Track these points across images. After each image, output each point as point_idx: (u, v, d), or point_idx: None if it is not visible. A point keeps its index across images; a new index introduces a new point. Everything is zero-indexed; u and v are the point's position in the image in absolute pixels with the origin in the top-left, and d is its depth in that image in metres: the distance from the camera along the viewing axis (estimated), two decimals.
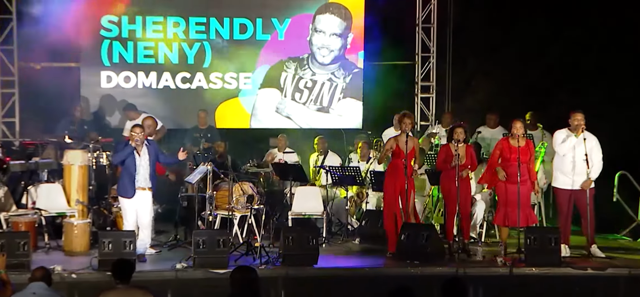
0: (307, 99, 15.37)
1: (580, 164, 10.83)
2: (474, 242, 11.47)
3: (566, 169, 10.96)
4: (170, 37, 14.73)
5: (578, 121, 10.89)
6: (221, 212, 11.86)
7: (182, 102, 14.84)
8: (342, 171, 12.56)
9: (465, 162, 11.14)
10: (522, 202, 10.83)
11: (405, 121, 11.10)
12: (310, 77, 15.33)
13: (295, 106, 15.33)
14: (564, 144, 10.97)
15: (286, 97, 15.30)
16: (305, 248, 10.42)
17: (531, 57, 15.27)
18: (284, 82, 15.27)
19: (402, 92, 15.77)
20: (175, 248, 11.47)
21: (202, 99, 14.82)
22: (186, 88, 14.93)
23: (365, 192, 12.66)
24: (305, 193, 12.45)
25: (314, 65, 15.34)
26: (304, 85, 15.33)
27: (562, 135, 11.04)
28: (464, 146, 11.21)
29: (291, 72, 15.28)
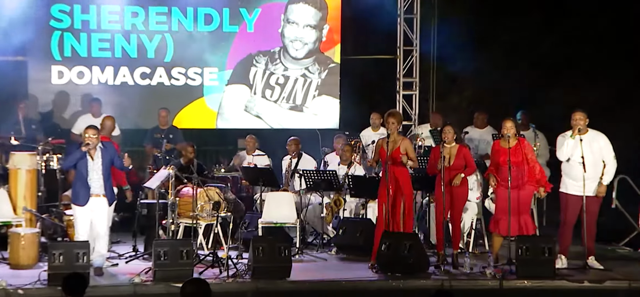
0: (279, 96, 15.35)
1: (589, 168, 10.84)
2: (461, 252, 11.48)
3: (575, 174, 10.98)
4: (128, 28, 14.64)
5: (575, 121, 10.91)
6: (184, 220, 11.81)
7: (142, 100, 14.76)
8: (317, 175, 12.51)
9: (455, 163, 11.14)
10: (514, 209, 10.84)
11: (389, 121, 11.10)
12: (282, 73, 15.32)
13: (265, 104, 15.30)
14: (562, 150, 11.01)
15: (256, 94, 15.28)
16: (277, 260, 10.39)
17: (523, 51, 15.36)
18: (254, 78, 15.24)
19: (382, 89, 15.80)
20: (133, 260, 11.40)
21: (163, 96, 14.74)
22: (146, 84, 14.85)
23: (342, 199, 12.64)
24: (277, 199, 12.42)
25: (286, 59, 15.32)
26: (275, 81, 15.32)
27: (563, 140, 11.06)
28: (456, 147, 11.23)
29: (261, 67, 15.25)
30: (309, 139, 14.44)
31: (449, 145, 11.19)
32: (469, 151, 11.46)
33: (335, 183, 12.45)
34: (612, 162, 11.03)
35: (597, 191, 10.98)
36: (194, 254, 10.60)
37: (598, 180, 11.00)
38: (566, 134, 11.00)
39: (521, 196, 10.89)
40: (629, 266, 11.48)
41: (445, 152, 11.09)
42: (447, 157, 11.14)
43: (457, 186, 11.11)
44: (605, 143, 11.02)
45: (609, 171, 11.02)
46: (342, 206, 12.65)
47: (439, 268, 10.95)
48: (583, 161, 10.81)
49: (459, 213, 11.33)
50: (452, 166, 11.15)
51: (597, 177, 10.99)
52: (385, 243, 10.73)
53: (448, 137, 11.16)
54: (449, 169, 11.11)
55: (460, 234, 11.55)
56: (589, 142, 10.93)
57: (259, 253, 10.37)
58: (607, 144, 11.03)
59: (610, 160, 11.00)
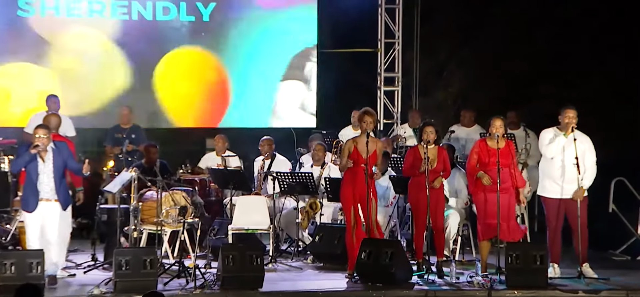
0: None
1: (571, 169, 10.87)
2: (446, 260, 11.49)
3: (554, 175, 10.99)
4: (91, 18, 14.66)
5: (569, 119, 10.91)
6: (148, 226, 11.76)
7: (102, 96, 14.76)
8: (292, 177, 12.49)
9: (437, 166, 11.15)
10: (503, 213, 10.86)
11: (366, 119, 11.06)
12: None
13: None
14: (551, 145, 10.99)
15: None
16: (248, 269, 10.35)
17: (513, 44, 15.40)
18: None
19: (362, 84, 15.80)
20: (92, 270, 11.33)
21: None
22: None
23: (319, 203, 12.62)
24: (249, 204, 12.38)
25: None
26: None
27: (549, 135, 11.05)
28: (436, 148, 11.22)
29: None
30: (284, 139, 14.41)
31: (431, 146, 11.18)
32: (448, 154, 11.46)
33: (311, 186, 12.43)
34: (594, 167, 11.05)
35: (574, 195, 10.94)
36: (158, 264, 10.54)
37: (577, 182, 10.95)
38: (551, 129, 11.02)
39: (504, 200, 10.91)
40: (626, 275, 11.49)
41: (431, 153, 11.07)
42: (430, 159, 11.12)
43: (436, 189, 11.10)
44: (590, 147, 11.05)
45: (590, 175, 11.01)
46: (318, 210, 12.61)
47: (422, 278, 10.95)
48: (577, 161, 10.82)
49: (441, 218, 11.33)
50: (433, 169, 11.16)
51: (577, 180, 10.95)
52: (365, 251, 10.71)
53: (430, 137, 11.15)
54: (430, 172, 11.11)
55: (444, 241, 11.55)
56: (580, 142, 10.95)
57: (228, 262, 10.32)
58: (592, 148, 11.06)
59: (592, 164, 11.03)
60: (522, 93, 15.15)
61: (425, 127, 11.24)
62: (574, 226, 10.97)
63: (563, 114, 10.97)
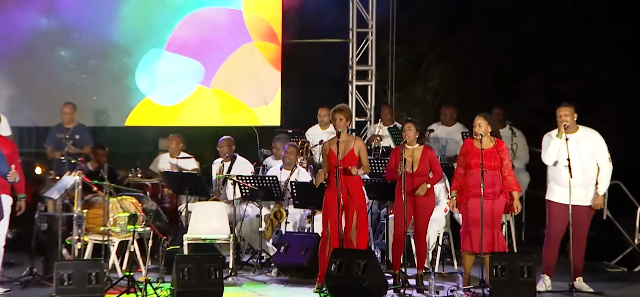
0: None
1: (577, 173, 10.84)
2: (426, 272, 11.49)
3: (563, 180, 10.97)
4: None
5: (561, 117, 10.91)
6: (94, 236, 11.70)
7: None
8: (254, 181, 12.48)
9: (419, 168, 11.15)
10: (487, 221, 10.87)
11: (337, 117, 11.05)
12: None
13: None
14: (547, 152, 11.01)
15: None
16: (206, 283, 10.33)
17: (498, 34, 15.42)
18: None
19: (332, 78, 15.80)
20: (30, 286, 11.23)
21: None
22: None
23: (284, 210, 12.61)
24: (206, 211, 12.34)
25: None
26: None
27: (549, 140, 11.04)
28: (420, 149, 11.23)
29: None
30: (245, 139, 14.41)
31: (411, 146, 11.18)
32: (434, 154, 11.46)
33: (276, 191, 12.40)
34: (607, 166, 11.03)
35: (593, 203, 11.00)
36: (105, 278, 10.46)
37: (589, 187, 10.97)
38: (552, 133, 11.01)
39: (495, 207, 10.91)
40: (622, 288, 11.55)
41: (406, 155, 11.07)
42: (410, 160, 11.11)
43: (423, 196, 11.11)
44: (598, 143, 11.01)
45: (604, 176, 11.01)
46: (283, 218, 12.60)
47: (399, 292, 10.92)
48: (569, 164, 10.83)
49: (425, 227, 11.32)
50: (416, 172, 11.14)
51: (587, 184, 10.95)
52: (335, 262, 10.68)
53: (409, 136, 11.15)
54: (411, 176, 11.10)
55: (425, 252, 11.55)
56: (576, 141, 10.92)
57: (184, 275, 10.30)
58: (601, 144, 11.02)
59: (604, 163, 11.01)
60: (508, 88, 15.20)
61: (404, 125, 11.27)
62: (575, 236, 10.95)
63: (557, 112, 10.97)
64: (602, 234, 12.98)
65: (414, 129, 11.18)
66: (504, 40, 15.46)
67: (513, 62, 15.47)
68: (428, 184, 11.14)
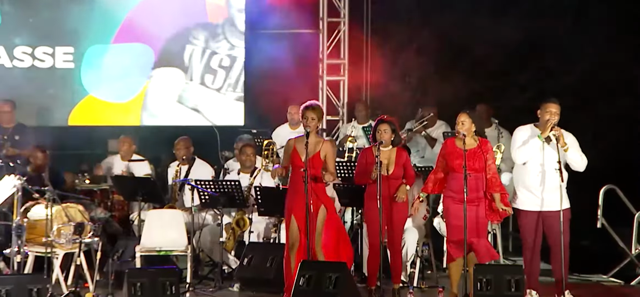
0: (222, 84, 15.60)
1: (552, 176, 10.92)
2: (403, 287, 11.50)
3: (531, 183, 11.03)
4: None
5: (550, 114, 10.92)
6: (35, 248, 11.62)
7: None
8: (215, 186, 12.44)
9: (395, 172, 11.15)
10: (471, 229, 10.86)
11: (308, 116, 11.04)
12: (226, 53, 15.57)
13: (205, 93, 15.58)
14: (525, 148, 10.97)
15: (193, 80, 15.52)
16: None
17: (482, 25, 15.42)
18: (190, 59, 15.54)
19: (300, 73, 15.77)
20: None
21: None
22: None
23: (247, 218, 12.58)
24: (161, 219, 12.34)
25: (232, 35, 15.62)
26: (218, 63, 15.57)
27: (524, 135, 11.06)
28: (393, 150, 11.23)
29: (200, 45, 15.51)
30: (204, 140, 14.41)
31: (386, 148, 11.16)
32: (408, 157, 11.46)
33: (238, 197, 12.39)
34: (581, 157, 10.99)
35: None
36: (48, 294, 10.39)
37: (562, 190, 10.94)
38: (525, 127, 11.01)
39: (480, 213, 10.91)
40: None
41: (382, 157, 11.06)
42: (385, 163, 11.11)
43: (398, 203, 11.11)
44: (573, 141, 11.03)
45: (579, 157, 10.96)
46: (247, 227, 12.61)
47: None
48: (560, 167, 10.84)
49: (399, 236, 11.34)
50: (392, 175, 11.16)
51: (558, 188, 10.91)
52: (304, 275, 10.68)
53: (384, 138, 11.14)
54: (387, 179, 11.11)
55: (401, 264, 11.54)
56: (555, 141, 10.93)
57: (136, 291, 10.29)
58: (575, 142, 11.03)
59: (576, 157, 10.98)
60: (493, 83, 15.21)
61: (378, 125, 11.24)
62: (554, 245, 10.99)
63: (543, 108, 10.97)
64: (596, 244, 13.04)
65: (390, 130, 11.17)
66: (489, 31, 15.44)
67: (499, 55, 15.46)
68: (407, 186, 11.14)
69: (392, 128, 11.24)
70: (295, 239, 11.00)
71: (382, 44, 15.81)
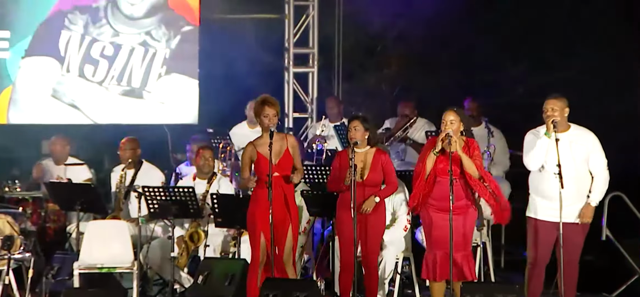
0: (106, 75, 15.34)
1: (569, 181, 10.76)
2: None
3: (548, 191, 10.97)
4: None
5: (549, 112, 10.89)
6: None
7: None
8: (165, 194, 12.39)
9: (370, 177, 11.13)
10: (457, 242, 10.85)
11: (267, 112, 11.00)
12: (110, 40, 15.31)
13: (85, 87, 15.28)
14: (532, 153, 11.00)
15: (70, 72, 15.27)
16: None
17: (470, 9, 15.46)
18: (67, 47, 15.23)
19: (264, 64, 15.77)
20: None
21: None
22: None
23: (202, 231, 12.56)
24: (104, 232, 12.33)
25: (115, 19, 15.32)
26: (100, 52, 15.29)
27: (533, 139, 11.00)
28: (371, 152, 11.21)
29: (78, 31, 15.20)
30: (154, 140, 14.40)
31: (361, 149, 11.13)
32: (389, 158, 11.43)
33: (192, 206, 12.36)
34: (603, 174, 11.02)
35: (581, 214, 10.99)
36: None
37: (582, 201, 10.96)
38: (538, 130, 10.98)
39: (467, 224, 10.91)
40: None
41: (356, 159, 11.02)
42: (360, 166, 11.07)
43: (373, 210, 11.07)
44: (594, 146, 11.01)
45: (599, 186, 10.99)
46: (202, 240, 12.58)
47: None
48: (560, 170, 10.82)
49: (375, 250, 11.29)
50: (367, 181, 11.11)
51: (580, 197, 10.95)
52: (268, 294, 10.64)
53: (356, 136, 11.10)
54: (362, 186, 11.07)
55: (378, 280, 11.50)
56: (568, 143, 10.90)
57: None
58: (597, 148, 11.01)
59: (600, 170, 11.00)
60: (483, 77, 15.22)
61: (351, 122, 11.21)
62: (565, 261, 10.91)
63: (544, 106, 10.96)
64: (601, 258, 13.07)
65: (362, 127, 11.13)
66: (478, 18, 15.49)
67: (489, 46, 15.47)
68: (377, 198, 11.10)
69: (366, 125, 11.18)
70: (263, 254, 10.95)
71: (356, 31, 15.78)
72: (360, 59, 15.98)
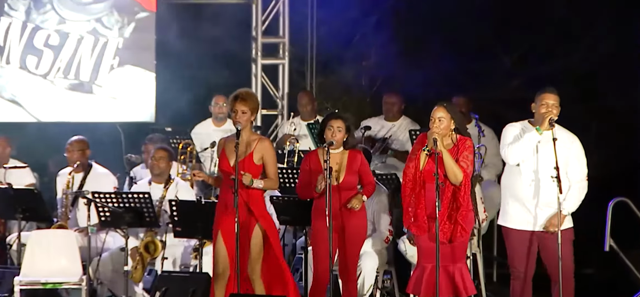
0: (50, 67, 15.41)
1: (549, 185, 10.91)
2: None
3: (523, 194, 11.01)
4: None
5: (547, 107, 10.89)
6: None
7: None
8: (118, 200, 12.36)
9: (346, 180, 11.13)
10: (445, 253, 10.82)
11: (238, 109, 10.98)
12: (55, 28, 15.36)
13: (27, 81, 15.38)
14: (517, 145, 10.99)
15: (10, 63, 15.41)
16: None
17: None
18: (6, 35, 15.38)
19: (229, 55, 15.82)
20: None
21: None
22: None
23: (159, 241, 12.56)
24: (48, 243, 12.33)
25: (61, 4, 15.39)
26: (44, 42, 15.38)
27: (515, 131, 11.07)
28: (345, 153, 11.21)
29: (19, 18, 15.33)
30: (105, 141, 14.42)
31: (335, 150, 11.11)
32: (365, 160, 11.41)
33: (148, 214, 12.36)
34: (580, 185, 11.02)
35: (549, 223, 10.91)
36: None
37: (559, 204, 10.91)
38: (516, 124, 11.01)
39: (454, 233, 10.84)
40: None
41: (331, 162, 11.00)
42: (335, 169, 11.05)
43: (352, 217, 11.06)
44: (577, 152, 11.04)
45: (574, 196, 10.99)
46: (159, 252, 12.58)
47: None
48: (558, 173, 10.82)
49: (354, 260, 11.28)
50: (342, 184, 11.12)
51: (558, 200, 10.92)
52: None
53: (338, 137, 11.09)
54: (337, 190, 11.08)
55: (356, 295, 11.49)
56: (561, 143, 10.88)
57: None
58: (580, 155, 11.04)
59: (579, 179, 11.02)
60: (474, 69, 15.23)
61: (329, 121, 11.19)
62: (554, 274, 10.96)
63: (538, 100, 10.95)
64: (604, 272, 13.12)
65: (344, 129, 11.14)
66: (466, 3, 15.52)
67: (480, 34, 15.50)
68: (364, 197, 11.11)
69: (348, 126, 11.21)
70: (225, 267, 10.95)
71: (331, 18, 15.79)
72: (336, 49, 15.97)
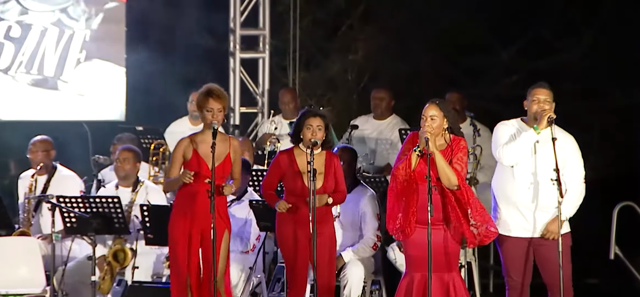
0: (12, 62, 15.49)
1: (548, 189, 10.91)
2: None
3: (519, 198, 11.03)
4: None
5: (539, 103, 10.91)
6: None
7: None
8: (85, 204, 12.31)
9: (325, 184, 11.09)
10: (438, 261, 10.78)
11: (211, 105, 10.96)
12: (17, 19, 15.42)
13: None
14: (512, 146, 10.98)
15: None
16: None
17: None
18: None
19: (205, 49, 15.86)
20: None
21: None
22: None
23: (128, 249, 12.54)
24: (9, 251, 12.38)
25: None
26: (4, 34, 15.49)
27: (509, 130, 11.08)
28: (324, 154, 11.17)
29: None
30: (71, 141, 14.48)
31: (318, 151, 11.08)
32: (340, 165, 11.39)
33: (117, 220, 12.34)
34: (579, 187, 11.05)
35: (547, 230, 10.94)
36: None
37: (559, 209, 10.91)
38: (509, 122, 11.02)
39: (438, 238, 10.82)
40: None
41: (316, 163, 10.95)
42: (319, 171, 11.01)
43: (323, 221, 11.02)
44: (574, 153, 11.07)
45: (572, 199, 11.01)
46: (129, 261, 12.57)
47: None
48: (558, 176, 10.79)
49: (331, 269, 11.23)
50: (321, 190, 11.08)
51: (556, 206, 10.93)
52: None
53: (319, 136, 11.08)
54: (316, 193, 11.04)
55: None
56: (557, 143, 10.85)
57: None
58: (577, 155, 11.07)
59: (577, 182, 11.04)
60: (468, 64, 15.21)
61: (307, 119, 11.13)
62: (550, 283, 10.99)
63: (529, 95, 10.98)
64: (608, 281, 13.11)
65: (323, 125, 11.11)
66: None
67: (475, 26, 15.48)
68: (330, 198, 11.07)
69: (327, 124, 11.17)
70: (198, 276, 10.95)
71: (316, 9, 15.76)
72: (320, 42, 15.96)
